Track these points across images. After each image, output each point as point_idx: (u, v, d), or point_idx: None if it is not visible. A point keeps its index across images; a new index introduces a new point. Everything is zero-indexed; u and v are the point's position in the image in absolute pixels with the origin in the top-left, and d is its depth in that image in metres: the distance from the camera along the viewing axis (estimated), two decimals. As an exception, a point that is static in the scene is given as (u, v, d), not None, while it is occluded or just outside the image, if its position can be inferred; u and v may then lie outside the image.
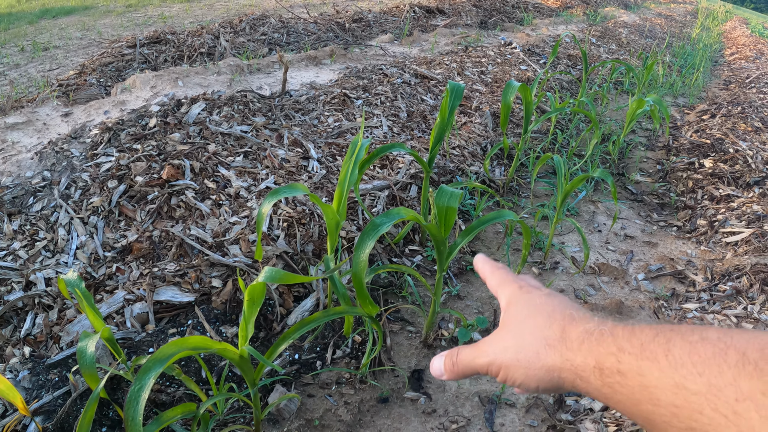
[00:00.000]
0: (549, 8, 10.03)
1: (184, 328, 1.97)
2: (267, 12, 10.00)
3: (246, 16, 6.28)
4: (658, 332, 0.50)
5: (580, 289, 2.52)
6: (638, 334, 0.51)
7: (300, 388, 1.82)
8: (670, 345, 0.47)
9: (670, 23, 12.48)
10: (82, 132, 3.24)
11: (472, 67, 4.95)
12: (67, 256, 2.30)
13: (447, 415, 1.81)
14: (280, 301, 2.10)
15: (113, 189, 2.59)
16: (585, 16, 9.82)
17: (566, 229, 2.99)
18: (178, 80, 3.88)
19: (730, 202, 3.32)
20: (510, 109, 2.73)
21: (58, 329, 1.94)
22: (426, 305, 2.27)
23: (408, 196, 2.80)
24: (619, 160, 3.96)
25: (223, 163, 2.80)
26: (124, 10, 9.62)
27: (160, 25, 8.10)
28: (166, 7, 10.07)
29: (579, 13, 10.10)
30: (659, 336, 0.49)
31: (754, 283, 2.47)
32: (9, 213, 2.50)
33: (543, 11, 9.60)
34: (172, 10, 9.83)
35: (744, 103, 5.15)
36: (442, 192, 1.68)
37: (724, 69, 8.36)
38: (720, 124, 4.54)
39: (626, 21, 10.19)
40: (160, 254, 2.25)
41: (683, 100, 5.99)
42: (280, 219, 2.42)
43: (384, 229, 1.43)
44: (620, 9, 12.41)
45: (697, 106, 5.55)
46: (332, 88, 3.85)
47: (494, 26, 7.53)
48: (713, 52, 9.87)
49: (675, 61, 7.64)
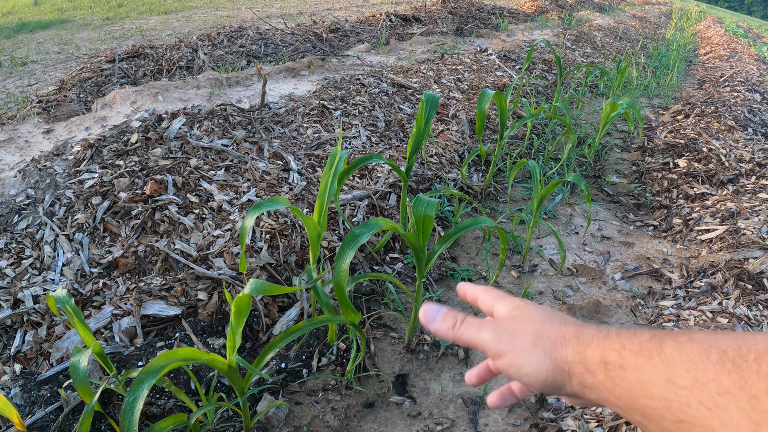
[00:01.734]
0: (524, 13, 10.17)
1: (171, 341, 2.01)
2: (244, 23, 10.03)
3: (224, 28, 6.32)
4: (654, 335, 0.55)
5: (558, 291, 2.60)
6: (638, 335, 0.56)
7: (287, 396, 1.87)
8: (663, 345, 0.52)
9: (645, 25, 12.70)
10: (65, 149, 3.26)
11: (449, 75, 5.03)
12: (54, 273, 2.33)
13: (432, 418, 1.87)
14: (265, 311, 2.16)
15: (97, 205, 2.63)
16: (560, 21, 9.97)
17: (544, 232, 3.08)
18: (158, 95, 3.92)
19: (704, 201, 3.42)
20: (485, 116, 2.81)
21: (48, 346, 1.97)
22: (408, 311, 2.33)
23: (387, 205, 2.87)
24: (595, 162, 4.06)
25: (205, 177, 2.84)
26: (102, 23, 9.58)
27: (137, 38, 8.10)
28: (144, 20, 10.05)
29: (554, 17, 10.25)
30: (655, 337, 0.54)
31: (728, 279, 2.56)
32: (-7, 232, 2.53)
33: (518, 17, 9.74)
34: (150, 22, 9.81)
35: (717, 103, 5.28)
36: (419, 201, 1.75)
37: (699, 69, 8.53)
38: (694, 124, 4.65)
39: (601, 24, 10.36)
40: (146, 269, 2.30)
41: (658, 101, 6.13)
42: (263, 231, 2.47)
43: (363, 239, 1.49)
44: (595, 12, 12.60)
45: (672, 106, 5.68)
46: (311, 100, 3.91)
47: (470, 33, 7.63)
48: (687, 53, 10.06)
49: (649, 62, 7.80)
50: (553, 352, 0.60)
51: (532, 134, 4.06)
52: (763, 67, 8.47)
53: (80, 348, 1.33)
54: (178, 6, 11.95)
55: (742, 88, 6.26)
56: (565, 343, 0.60)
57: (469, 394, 1.98)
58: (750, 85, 6.47)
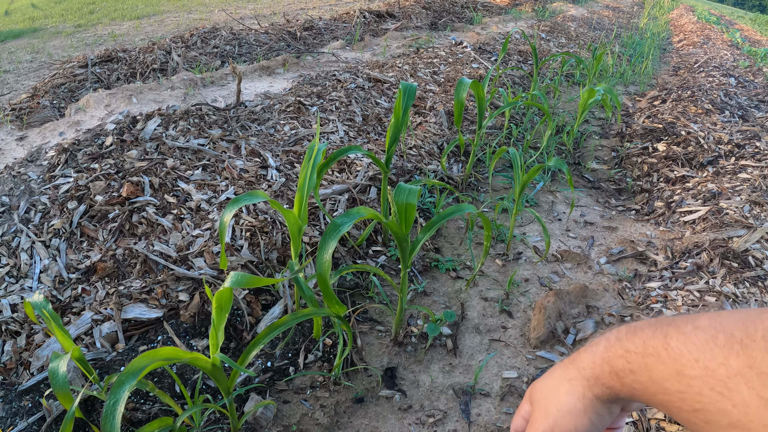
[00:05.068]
0: (498, 6, 10.19)
1: (154, 344, 1.97)
2: (218, 24, 9.94)
3: (197, 29, 6.25)
4: (656, 328, 0.55)
5: (544, 277, 2.59)
6: (639, 333, 0.57)
7: (275, 394, 1.84)
8: (668, 339, 0.52)
9: (618, 14, 12.79)
10: (39, 155, 3.20)
11: (425, 68, 5.02)
12: (31, 280, 2.27)
13: (423, 410, 1.85)
14: (248, 310, 2.12)
15: (73, 210, 2.57)
16: (534, 12, 10.01)
17: (527, 220, 3.07)
18: (132, 97, 3.86)
19: (685, 183, 3.43)
20: (463, 105, 2.79)
21: (28, 355, 1.92)
22: (393, 304, 2.31)
23: (368, 198, 2.84)
24: (574, 149, 4.07)
25: (182, 177, 2.80)
26: (74, 30, 9.45)
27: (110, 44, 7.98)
28: (116, 25, 9.93)
29: (528, 9, 10.28)
30: (657, 332, 0.54)
31: (714, 258, 2.57)
32: (-32, 241, 2.46)
33: (492, 10, 9.76)
34: (122, 27, 9.69)
35: (694, 87, 5.32)
36: (400, 189, 1.73)
37: (673, 56, 8.60)
38: (671, 109, 4.68)
39: (575, 15, 10.42)
40: (125, 272, 2.25)
41: (634, 88, 6.17)
42: (243, 229, 2.44)
43: (345, 229, 1.47)
44: (568, 3, 12.67)
45: (648, 92, 5.72)
46: (287, 97, 3.87)
47: (444, 27, 7.63)
48: (661, 40, 10.15)
49: (624, 51, 7.85)
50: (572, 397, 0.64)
51: (510, 124, 4.06)
52: (736, 53, 8.57)
53: (59, 354, 1.29)
54: (151, 11, 11.82)
55: (717, 73, 6.32)
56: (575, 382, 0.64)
57: (460, 385, 1.97)
58: (725, 70, 6.54)
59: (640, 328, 0.57)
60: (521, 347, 2.17)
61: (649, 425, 1.74)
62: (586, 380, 0.63)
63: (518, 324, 2.30)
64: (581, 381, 0.64)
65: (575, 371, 0.65)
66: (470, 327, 2.27)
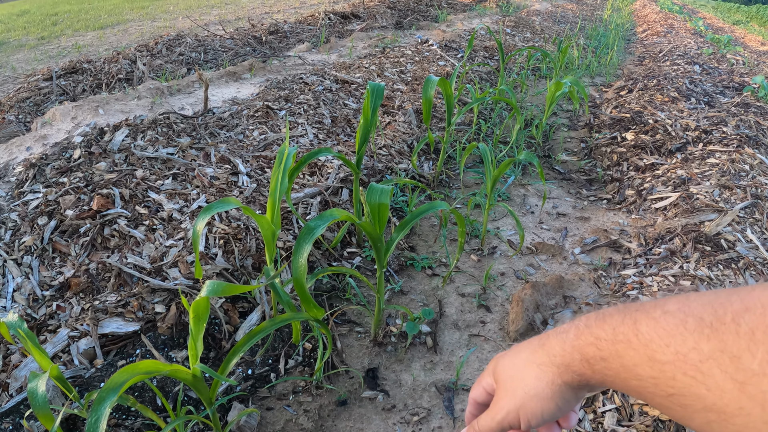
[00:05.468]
0: (462, 3, 10.26)
1: (133, 358, 1.96)
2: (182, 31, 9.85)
3: (162, 37, 6.19)
4: (625, 314, 0.56)
5: (520, 270, 2.63)
6: (608, 319, 0.57)
7: (257, 402, 1.84)
8: (638, 325, 0.53)
9: (582, 7, 12.97)
10: (6, 171, 3.15)
11: (391, 68, 5.04)
12: (5, 300, 2.23)
13: (407, 409, 1.87)
14: (226, 318, 2.12)
15: (44, 226, 2.54)
16: (498, 8, 10.09)
17: (500, 214, 3.11)
18: (98, 108, 3.81)
19: (655, 170, 3.50)
20: (431, 103, 2.82)
21: (5, 376, 1.89)
22: (371, 305, 2.32)
23: (340, 200, 2.85)
24: (543, 142, 4.12)
25: (152, 188, 2.77)
26: (37, 42, 9.30)
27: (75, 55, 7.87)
28: (80, 36, 9.79)
29: (492, 5, 10.37)
30: (627, 318, 0.55)
31: (686, 243, 2.62)
32: (-65, 263, 2.41)
33: (456, 7, 9.82)
34: (86, 38, 9.56)
35: (659, 76, 5.41)
36: (372, 190, 1.74)
37: (638, 46, 8.74)
38: (638, 98, 4.77)
39: (539, 9, 10.53)
40: (100, 286, 2.23)
41: (600, 80, 6.26)
42: (216, 237, 2.43)
43: (319, 232, 1.48)
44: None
45: (615, 83, 5.81)
46: (254, 102, 3.85)
47: (410, 26, 7.66)
48: (625, 31, 10.31)
49: (589, 42, 7.96)
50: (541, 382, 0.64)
51: (479, 119, 4.10)
52: (700, 40, 8.75)
53: (37, 373, 1.28)
54: (114, 20, 11.68)
55: (681, 62, 6.45)
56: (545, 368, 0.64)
57: (442, 381, 1.99)
58: (689, 58, 6.67)
59: (609, 315, 0.58)
60: (501, 341, 2.20)
61: (632, 411, 1.78)
62: (556, 367, 0.64)
63: (497, 318, 2.33)
64: (551, 367, 0.64)
65: (545, 356, 0.65)
66: (449, 323, 2.29)
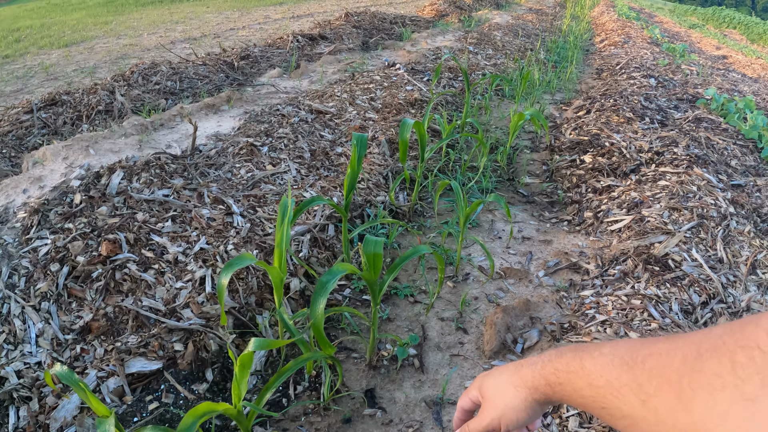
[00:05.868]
0: (425, 20, 10.62)
1: (158, 393, 2.22)
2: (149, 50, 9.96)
3: (137, 66, 6.37)
4: (575, 353, 0.79)
5: (491, 294, 2.95)
6: (564, 357, 0.81)
7: (274, 425, 2.13)
8: (583, 361, 0.76)
9: (541, 17, 13.43)
10: (7, 216, 3.34)
11: (362, 95, 5.33)
12: (30, 345, 2.45)
13: (402, 422, 2.18)
14: (237, 352, 2.39)
15: (57, 272, 2.76)
16: (460, 23, 10.47)
17: (470, 241, 3.43)
18: (89, 148, 4.02)
19: (611, 193, 3.82)
20: (407, 144, 3.12)
21: (44, 418, 2.12)
22: (363, 332, 2.62)
23: (327, 236, 3.14)
24: (507, 165, 4.46)
25: (154, 231, 3.02)
26: (2, 61, 9.30)
27: (42, 76, 7.96)
28: (45, 55, 9.79)
29: (454, 20, 10.75)
30: (576, 356, 0.78)
31: (638, 264, 2.95)
32: (-45, 311, 2.62)
33: (420, 24, 10.17)
34: (52, 57, 9.58)
35: (615, 95, 5.76)
36: (367, 242, 2.04)
37: (596, 57, 9.16)
38: (595, 119, 5.11)
39: (500, 23, 10.93)
40: (119, 329, 2.48)
41: (560, 96, 6.65)
42: (222, 277, 2.69)
43: (331, 286, 1.78)
44: (493, 10, 13.25)
45: (574, 101, 6.19)
46: (238, 138, 4.11)
47: (376, 46, 7.97)
48: (584, 42, 10.77)
49: (549, 56, 8.36)
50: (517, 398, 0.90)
51: (447, 148, 4.42)
52: (656, 50, 9.23)
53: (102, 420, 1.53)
54: (78, 37, 11.66)
55: (638, 74, 6.86)
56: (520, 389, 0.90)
57: (430, 397, 2.30)
58: (645, 71, 7.09)
59: (564, 353, 0.82)
60: (478, 359, 2.52)
61: (591, 415, 2.11)
62: (527, 389, 0.88)
63: (473, 339, 2.65)
64: (524, 389, 0.88)
65: (520, 381, 0.89)
66: (432, 346, 2.60)
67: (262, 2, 17.87)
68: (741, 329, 0.55)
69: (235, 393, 1.52)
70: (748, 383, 0.51)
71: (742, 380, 0.52)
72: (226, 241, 2.93)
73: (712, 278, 2.81)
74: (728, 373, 0.53)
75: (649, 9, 24.35)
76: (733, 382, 0.52)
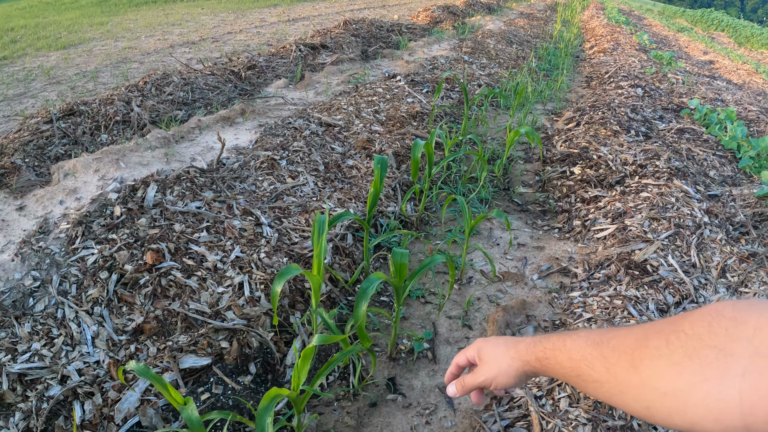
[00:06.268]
0: (421, 27, 10.97)
1: (209, 385, 2.57)
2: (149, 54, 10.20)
3: (149, 76, 6.67)
4: (560, 336, 0.95)
5: (492, 295, 3.32)
6: (551, 338, 0.98)
7: (311, 409, 2.49)
8: (565, 342, 0.93)
9: (532, 22, 13.80)
10: (49, 226, 3.66)
11: (366, 107, 5.69)
12: (86, 346, 2.75)
13: (420, 406, 2.55)
14: (276, 347, 2.75)
15: (106, 279, 3.09)
16: (455, 30, 10.83)
17: (472, 246, 3.80)
18: (119, 161, 4.35)
19: (597, 203, 4.20)
20: (419, 163, 3.48)
21: (108, 410, 2.44)
22: (385, 328, 2.99)
23: (347, 244, 3.50)
24: (503, 176, 4.84)
25: (192, 240, 3.36)
26: (0, 63, 9.40)
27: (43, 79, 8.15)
28: (44, 57, 9.89)
29: (448, 27, 11.10)
30: (560, 338, 0.95)
31: (620, 269, 3.32)
32: (15, 317, 2.93)
33: (415, 31, 10.53)
34: (51, 59, 9.68)
35: (603, 107, 6.10)
36: (395, 254, 2.41)
37: (586, 65, 9.50)
38: (584, 132, 5.45)
39: (492, 29, 11.29)
40: (170, 330, 2.82)
41: (552, 105, 7.01)
42: (257, 282, 3.05)
43: (371, 292, 2.15)
44: (485, 15, 13.61)
45: (564, 111, 6.54)
46: (257, 152, 4.45)
47: (375, 55, 8.32)
48: (574, 48, 11.13)
49: (541, 65, 8.73)
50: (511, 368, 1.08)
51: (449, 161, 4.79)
52: (643, 58, 9.60)
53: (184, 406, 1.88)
54: (75, 39, 11.76)
55: (625, 83, 7.23)
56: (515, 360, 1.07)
57: (443, 384, 2.67)
58: (632, 79, 7.45)
59: (551, 336, 0.99)
60: (483, 354, 2.89)
61: (579, 396, 2.49)
62: (521, 361, 1.04)
63: (477, 334, 3.02)
64: (518, 361, 1.04)
65: (516, 353, 1.05)
66: (443, 340, 2.97)
67: (256, 4, 18.10)
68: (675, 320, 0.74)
69: (294, 380, 1.87)
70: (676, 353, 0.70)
71: (671, 351, 0.71)
72: (258, 249, 3.28)
73: (686, 281, 3.20)
74: (664, 347, 0.72)
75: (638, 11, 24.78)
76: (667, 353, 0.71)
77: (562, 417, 2.37)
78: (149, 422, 2.38)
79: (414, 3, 17.85)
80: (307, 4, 18.03)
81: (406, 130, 5.09)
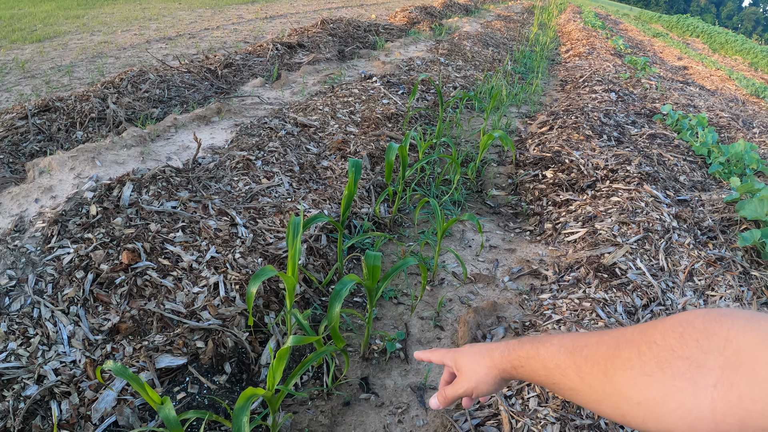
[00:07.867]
0: (398, 28, 11.04)
1: (184, 384, 2.61)
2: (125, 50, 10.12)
3: (125, 73, 6.64)
4: (533, 343, 0.96)
5: (463, 297, 3.41)
6: (525, 346, 0.98)
7: (285, 408, 2.55)
8: (539, 349, 0.93)
9: (509, 25, 13.94)
10: (25, 225, 3.66)
11: (342, 108, 5.74)
12: (63, 346, 2.77)
13: (392, 405, 2.62)
14: (251, 348, 2.80)
15: (82, 279, 3.11)
16: (431, 31, 10.91)
17: (444, 248, 3.88)
18: (94, 159, 4.35)
19: (569, 206, 4.30)
20: (392, 166, 3.56)
21: (85, 410, 2.47)
22: (357, 329, 3.06)
23: (321, 245, 3.56)
24: (476, 178, 4.93)
25: (167, 240, 3.39)
26: (-26, 56, 9.22)
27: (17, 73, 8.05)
28: (18, 50, 9.75)
29: (425, 28, 11.18)
30: (533, 345, 0.96)
31: (589, 272, 3.43)
32: (-9, 315, 2.94)
33: (392, 32, 10.59)
34: (25, 52, 9.55)
35: (577, 111, 6.23)
36: (368, 256, 2.47)
37: (561, 69, 9.63)
38: (557, 136, 5.55)
39: (469, 31, 11.39)
40: (146, 329, 2.86)
41: (526, 108, 7.12)
42: (232, 282, 3.09)
43: (344, 293, 2.22)
44: (463, 17, 13.71)
45: (538, 115, 6.65)
46: (233, 152, 4.49)
47: (351, 55, 8.38)
48: (550, 51, 11.28)
49: (516, 67, 8.85)
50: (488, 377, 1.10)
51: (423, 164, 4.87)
52: (618, 63, 9.78)
53: (161, 406, 1.93)
54: (51, 32, 11.59)
55: (599, 88, 7.37)
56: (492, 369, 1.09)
57: (415, 383, 2.75)
58: (606, 84, 7.60)
59: (524, 343, 0.99)
60: (453, 353, 2.97)
61: (548, 396, 2.58)
62: (497, 369, 1.05)
63: (449, 335, 3.11)
64: (495, 369, 1.05)
65: (491, 362, 1.06)
66: (414, 341, 3.05)
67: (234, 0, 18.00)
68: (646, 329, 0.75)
69: (269, 379, 1.93)
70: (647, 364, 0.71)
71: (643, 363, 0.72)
72: (233, 250, 3.33)
73: (653, 284, 3.31)
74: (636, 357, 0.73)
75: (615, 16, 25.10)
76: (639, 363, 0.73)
77: (531, 416, 2.46)
78: (126, 421, 2.42)
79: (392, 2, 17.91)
80: (284, 2, 17.98)
81: (381, 132, 5.16)
